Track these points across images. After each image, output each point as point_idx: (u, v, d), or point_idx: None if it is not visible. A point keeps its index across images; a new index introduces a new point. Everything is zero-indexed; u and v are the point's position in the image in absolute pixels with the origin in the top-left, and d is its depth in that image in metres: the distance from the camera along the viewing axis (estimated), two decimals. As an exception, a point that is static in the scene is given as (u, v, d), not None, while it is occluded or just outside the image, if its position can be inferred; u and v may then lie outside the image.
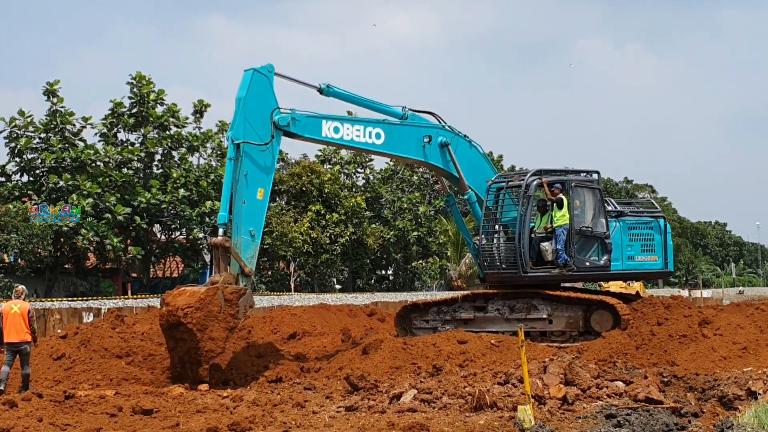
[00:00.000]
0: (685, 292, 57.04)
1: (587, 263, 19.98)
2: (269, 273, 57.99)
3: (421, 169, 74.47)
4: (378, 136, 19.07)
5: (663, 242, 21.50)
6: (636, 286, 42.05)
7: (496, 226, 20.30)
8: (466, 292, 21.19)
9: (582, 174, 20.78)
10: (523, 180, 19.98)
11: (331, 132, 18.49)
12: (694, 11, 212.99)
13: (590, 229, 19.99)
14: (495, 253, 20.10)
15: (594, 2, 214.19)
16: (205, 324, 15.70)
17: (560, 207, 19.54)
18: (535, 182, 19.80)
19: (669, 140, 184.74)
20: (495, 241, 20.23)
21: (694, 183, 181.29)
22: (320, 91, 19.06)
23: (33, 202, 43.11)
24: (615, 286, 35.47)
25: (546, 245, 19.71)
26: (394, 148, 19.57)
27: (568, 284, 21.05)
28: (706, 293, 60.09)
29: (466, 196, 20.59)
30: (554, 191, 19.60)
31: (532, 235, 19.86)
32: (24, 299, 16.32)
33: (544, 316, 19.59)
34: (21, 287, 16.80)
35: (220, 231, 16.95)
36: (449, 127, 20.42)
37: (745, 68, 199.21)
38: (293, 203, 54.66)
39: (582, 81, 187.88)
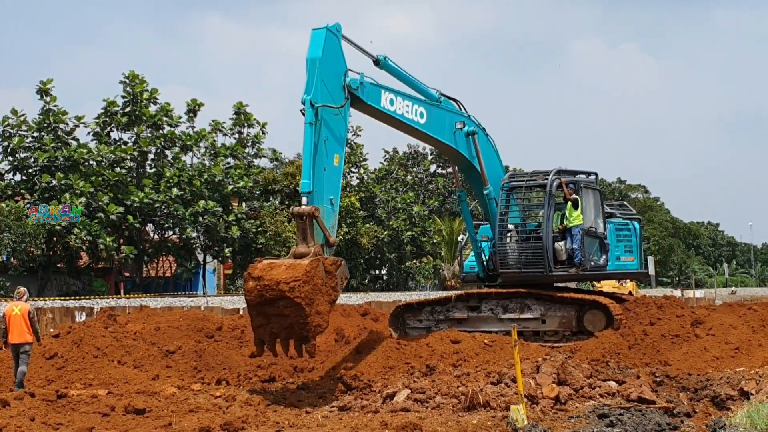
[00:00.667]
0: (677, 292, 57.03)
1: (592, 263, 20.23)
2: (263, 273, 57.74)
3: (414, 169, 74.54)
4: (422, 115, 18.64)
5: (638, 243, 22.09)
6: (629, 286, 42.08)
7: (511, 226, 20.32)
8: (459, 292, 21.18)
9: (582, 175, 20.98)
10: (546, 180, 20.08)
11: (387, 103, 17.90)
12: (688, 12, 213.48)
13: (594, 230, 20.27)
14: (515, 253, 20.17)
15: (589, 3, 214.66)
16: (312, 298, 14.62)
17: (575, 207, 19.71)
18: (556, 182, 19.94)
19: (662, 140, 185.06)
20: (514, 240, 20.25)
21: (687, 183, 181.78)
22: (376, 62, 18.30)
23: (26, 201, 43.07)
24: (608, 286, 35.51)
25: (560, 245, 19.84)
26: (432, 130, 19.10)
27: (561, 284, 21.10)
28: (699, 293, 60.09)
29: (486, 191, 20.29)
30: (569, 191, 19.78)
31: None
32: (25, 300, 16.59)
33: (537, 316, 19.60)
34: (23, 289, 16.99)
35: (304, 200, 15.88)
36: (468, 115, 20.16)
37: (739, 69, 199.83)
38: (287, 203, 54.63)
39: (576, 81, 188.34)
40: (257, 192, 53.87)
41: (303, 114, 15.93)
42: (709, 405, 13.19)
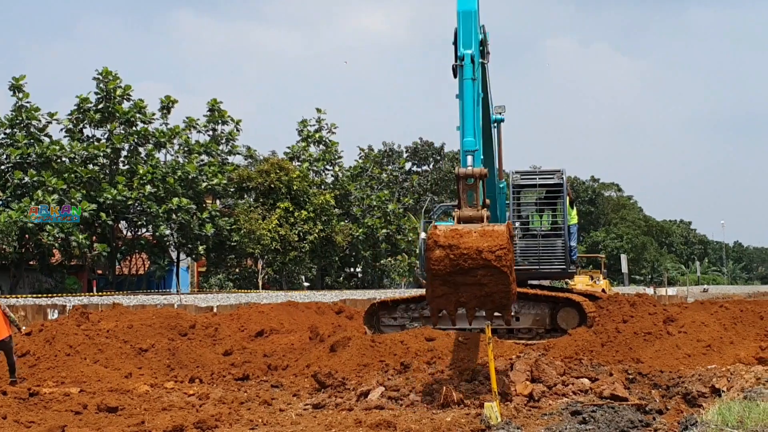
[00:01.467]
0: (650, 290, 57.45)
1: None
2: (237, 270, 57.80)
3: (390, 167, 74.47)
4: (487, 89, 17.82)
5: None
6: (602, 284, 42.33)
7: (519, 224, 20.50)
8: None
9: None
10: (562, 179, 20.54)
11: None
12: (661, 11, 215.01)
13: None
14: (531, 250, 20.43)
15: (562, 2, 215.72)
16: (512, 266, 13.77)
17: (572, 206, 20.25)
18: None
19: (636, 139, 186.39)
20: (527, 237, 20.50)
21: (660, 182, 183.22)
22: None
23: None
24: (581, 284, 35.71)
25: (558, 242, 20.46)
26: (488, 106, 18.45)
27: (535, 282, 21.21)
28: (671, 291, 60.55)
29: (501, 185, 20.27)
30: (569, 190, 20.39)
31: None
32: None
33: (512, 314, 19.67)
34: None
35: (470, 159, 14.33)
36: None
37: (712, 68, 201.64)
38: (261, 200, 54.49)
39: (550, 80, 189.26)
40: (231, 189, 53.66)
41: (454, 70, 14.68)
42: (681, 402, 13.28)
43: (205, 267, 58.34)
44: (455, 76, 14.57)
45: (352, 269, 66.33)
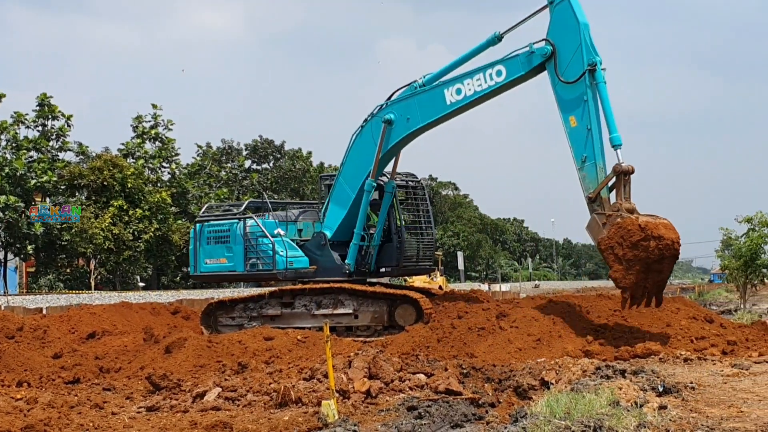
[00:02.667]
0: (484, 286, 59.12)
1: None
2: (68, 270, 56.11)
3: (229, 165, 73.67)
4: None
5: None
6: (439, 281, 43.23)
7: (400, 222, 20.98)
8: (273, 289, 21.12)
9: None
10: (425, 182, 21.65)
11: None
12: (490, 14, 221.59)
13: None
14: (412, 246, 21.14)
15: (399, 3, 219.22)
16: None
17: None
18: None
19: (471, 140, 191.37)
20: (406, 235, 20.91)
21: (495, 181, 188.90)
22: (498, 38, 19.04)
23: None
24: (418, 281, 36.35)
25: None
26: None
27: (374, 279, 21.43)
28: (505, 287, 62.55)
29: (394, 184, 20.67)
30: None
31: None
32: None
33: (350, 311, 19.81)
34: None
35: (620, 154, 16.08)
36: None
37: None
38: (94, 198, 52.99)
39: (386, 80, 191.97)
40: (62, 187, 51.97)
41: (579, 75, 16.35)
42: (513, 395, 13.68)
43: (34, 267, 56.35)
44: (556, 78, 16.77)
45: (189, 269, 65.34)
